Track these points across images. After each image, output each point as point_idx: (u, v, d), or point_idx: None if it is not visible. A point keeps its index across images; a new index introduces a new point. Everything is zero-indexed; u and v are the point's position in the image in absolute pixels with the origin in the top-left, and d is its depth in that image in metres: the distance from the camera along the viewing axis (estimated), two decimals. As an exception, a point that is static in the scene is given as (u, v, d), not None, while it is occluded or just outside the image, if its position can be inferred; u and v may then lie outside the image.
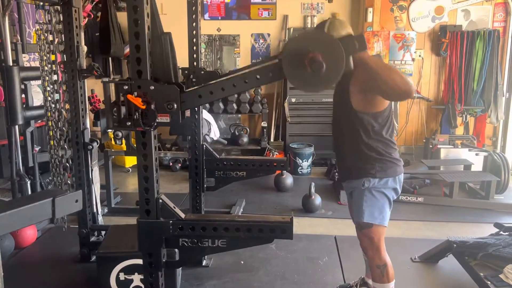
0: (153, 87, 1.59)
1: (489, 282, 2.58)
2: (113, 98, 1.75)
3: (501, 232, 3.08)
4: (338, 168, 2.44)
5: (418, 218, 4.10)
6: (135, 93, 1.58)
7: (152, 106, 1.59)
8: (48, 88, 3.05)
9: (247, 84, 1.66)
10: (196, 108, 3.06)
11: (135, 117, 1.58)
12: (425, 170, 4.83)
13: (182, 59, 2.86)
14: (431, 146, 5.21)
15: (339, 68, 1.51)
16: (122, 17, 5.63)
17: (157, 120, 1.60)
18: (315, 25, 5.93)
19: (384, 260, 2.30)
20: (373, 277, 2.37)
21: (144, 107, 1.57)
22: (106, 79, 2.37)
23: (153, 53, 1.63)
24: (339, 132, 2.37)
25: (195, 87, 1.70)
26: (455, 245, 2.97)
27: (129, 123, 1.60)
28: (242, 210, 4.27)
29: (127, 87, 1.58)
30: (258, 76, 1.64)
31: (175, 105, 1.60)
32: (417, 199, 4.43)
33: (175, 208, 1.79)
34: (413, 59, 5.60)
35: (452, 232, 3.50)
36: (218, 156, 3.19)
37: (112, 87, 2.83)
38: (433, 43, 5.59)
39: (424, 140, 5.55)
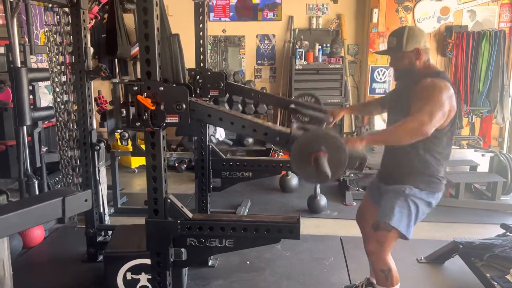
0: (162, 88, 1.61)
1: (495, 283, 2.58)
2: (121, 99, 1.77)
3: (508, 233, 3.08)
4: (384, 170, 2.43)
5: (424, 219, 4.01)
6: (145, 94, 1.60)
7: (161, 107, 1.60)
8: (57, 89, 3.07)
9: (254, 133, 1.72)
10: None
11: (144, 117, 1.60)
12: (431, 171, 4.81)
13: (189, 60, 2.88)
14: (436, 147, 5.20)
15: (338, 172, 1.62)
16: (128, 19, 5.66)
17: (166, 121, 1.62)
18: (320, 26, 5.94)
19: (389, 264, 2.28)
20: (377, 280, 2.36)
21: (153, 107, 1.59)
22: (116, 80, 2.39)
23: (162, 55, 1.65)
24: None
25: (209, 105, 1.71)
26: (461, 246, 2.97)
27: (139, 123, 1.62)
28: (247, 210, 4.28)
29: (136, 88, 1.60)
30: (266, 133, 1.70)
31: (184, 106, 1.61)
32: (422, 200, 4.42)
33: (183, 207, 1.80)
34: (418, 60, 5.59)
35: (458, 233, 3.49)
36: (224, 157, 3.20)
37: (121, 88, 2.85)
38: (438, 44, 5.58)
39: (429, 141, 5.53)
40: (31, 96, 3.51)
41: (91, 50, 2.96)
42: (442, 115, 2.05)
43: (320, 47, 5.80)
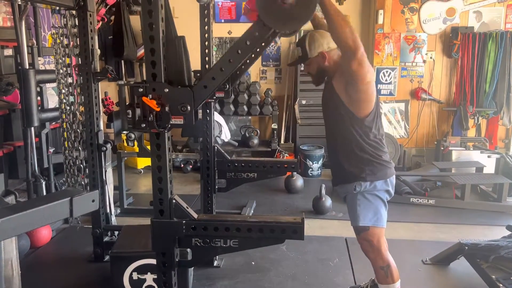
0: (167, 90, 1.63)
1: (501, 285, 2.57)
2: (127, 100, 1.79)
3: (514, 235, 3.06)
4: (331, 172, 2.51)
5: (430, 220, 4.09)
6: (150, 96, 1.62)
7: (166, 108, 1.62)
8: (63, 91, 3.11)
9: (241, 55, 1.67)
10: (207, 110, 3.10)
11: (149, 119, 1.62)
12: (437, 172, 4.81)
13: (194, 62, 2.89)
14: (442, 148, 5.19)
15: (307, 14, 1.58)
16: (135, 21, 5.71)
17: (171, 122, 1.63)
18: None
19: (387, 260, 2.31)
20: (378, 279, 2.39)
21: (158, 109, 1.61)
22: (122, 82, 2.41)
23: (167, 56, 1.67)
24: (331, 137, 2.41)
25: (198, 81, 1.71)
26: (466, 248, 2.96)
27: (144, 125, 1.64)
28: (252, 211, 4.30)
29: (142, 89, 1.62)
30: (247, 42, 1.66)
31: (189, 107, 1.63)
32: (428, 202, 4.42)
33: (188, 208, 1.82)
34: (424, 61, 5.59)
35: (464, 235, 3.48)
36: (229, 158, 3.21)
37: (127, 89, 2.88)
38: (444, 45, 5.57)
39: (435, 142, 5.52)
40: (38, 98, 3.54)
41: (98, 51, 2.99)
42: (368, 66, 2.05)
43: (325, 48, 5.78)
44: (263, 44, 2.81)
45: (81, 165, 3.14)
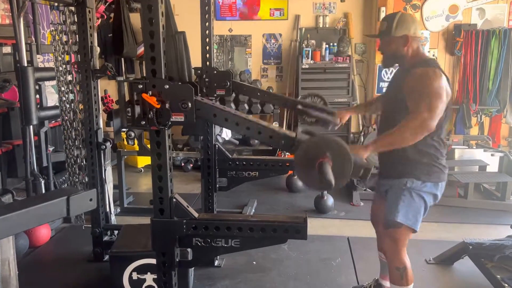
0: (167, 86, 1.59)
1: (506, 285, 2.54)
2: (126, 98, 1.74)
3: (518, 234, 3.03)
4: (381, 163, 2.39)
5: (433, 219, 4.04)
6: (150, 92, 1.58)
7: (167, 105, 1.58)
8: (63, 88, 3.07)
9: (259, 135, 1.68)
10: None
11: (149, 116, 1.58)
12: (439, 170, 4.77)
13: (195, 59, 2.86)
14: (445, 147, 5.15)
15: (342, 181, 1.58)
16: (134, 18, 5.66)
17: (172, 119, 1.60)
18: (327, 25, 5.90)
19: (404, 262, 2.27)
20: (391, 279, 2.33)
21: (158, 106, 1.57)
22: (121, 78, 2.37)
23: (168, 52, 1.63)
24: (391, 127, 2.23)
25: (214, 104, 1.68)
26: (471, 247, 2.93)
27: (144, 122, 1.60)
28: (254, 210, 4.26)
29: (142, 86, 1.58)
30: (271, 136, 1.66)
31: (190, 104, 1.59)
32: (431, 200, 4.38)
33: (188, 207, 1.78)
34: (426, 59, 5.54)
35: (467, 234, 3.44)
36: (230, 156, 3.18)
37: (126, 86, 2.84)
38: (447, 42, 5.53)
39: (438, 141, 5.48)
40: (37, 96, 3.51)
41: (98, 49, 2.95)
42: (441, 105, 2.02)
43: (327, 46, 5.76)
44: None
45: (82, 164, 3.11)
